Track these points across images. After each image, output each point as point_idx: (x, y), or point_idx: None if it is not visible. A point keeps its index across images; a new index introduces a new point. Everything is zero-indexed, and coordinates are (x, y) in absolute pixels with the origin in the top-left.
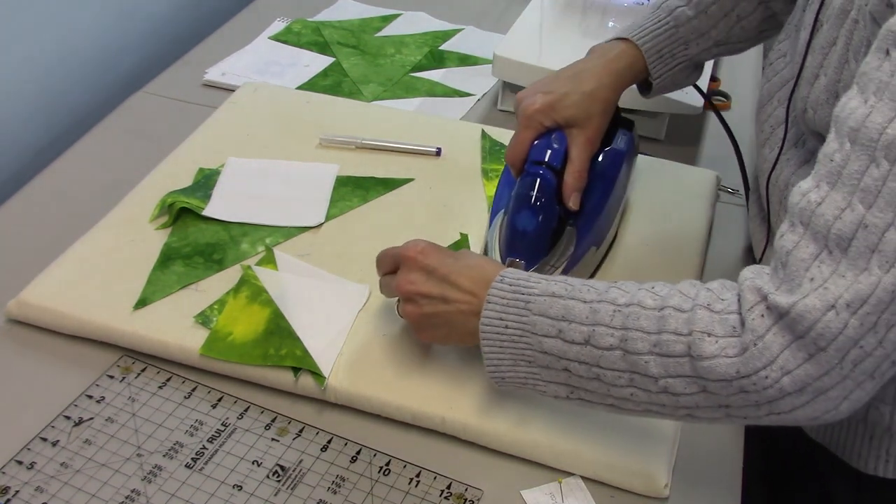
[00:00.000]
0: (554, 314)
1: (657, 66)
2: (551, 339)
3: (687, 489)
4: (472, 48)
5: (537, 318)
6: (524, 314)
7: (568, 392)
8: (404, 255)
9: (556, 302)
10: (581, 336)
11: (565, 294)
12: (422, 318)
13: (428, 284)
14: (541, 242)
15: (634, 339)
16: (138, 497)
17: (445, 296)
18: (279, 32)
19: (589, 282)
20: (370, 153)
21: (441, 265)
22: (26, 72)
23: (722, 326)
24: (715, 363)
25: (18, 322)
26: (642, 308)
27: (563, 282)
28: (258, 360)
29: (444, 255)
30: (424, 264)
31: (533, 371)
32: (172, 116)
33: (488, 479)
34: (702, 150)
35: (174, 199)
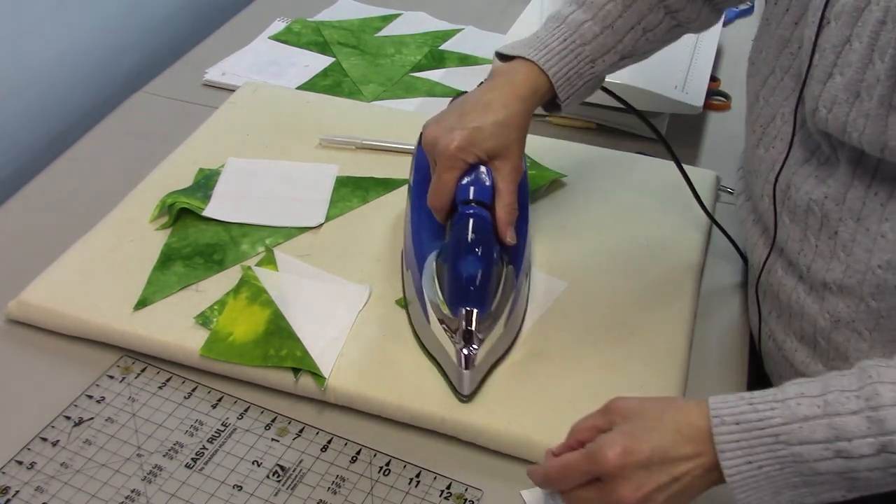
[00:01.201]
0: (822, 437)
1: (564, 89)
2: (827, 461)
3: None
4: (472, 48)
5: (800, 448)
6: (779, 448)
7: (846, 492)
8: (607, 467)
9: (816, 424)
10: (871, 448)
11: (822, 413)
12: (644, 498)
13: (653, 478)
14: (489, 286)
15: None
16: (138, 497)
17: (675, 475)
18: (279, 32)
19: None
20: (370, 153)
21: (652, 449)
22: (26, 72)
23: None
24: None
25: (18, 322)
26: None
27: (801, 397)
28: (258, 361)
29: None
30: (637, 462)
31: (801, 492)
32: (172, 116)
33: (488, 479)
34: (702, 150)
35: (174, 199)
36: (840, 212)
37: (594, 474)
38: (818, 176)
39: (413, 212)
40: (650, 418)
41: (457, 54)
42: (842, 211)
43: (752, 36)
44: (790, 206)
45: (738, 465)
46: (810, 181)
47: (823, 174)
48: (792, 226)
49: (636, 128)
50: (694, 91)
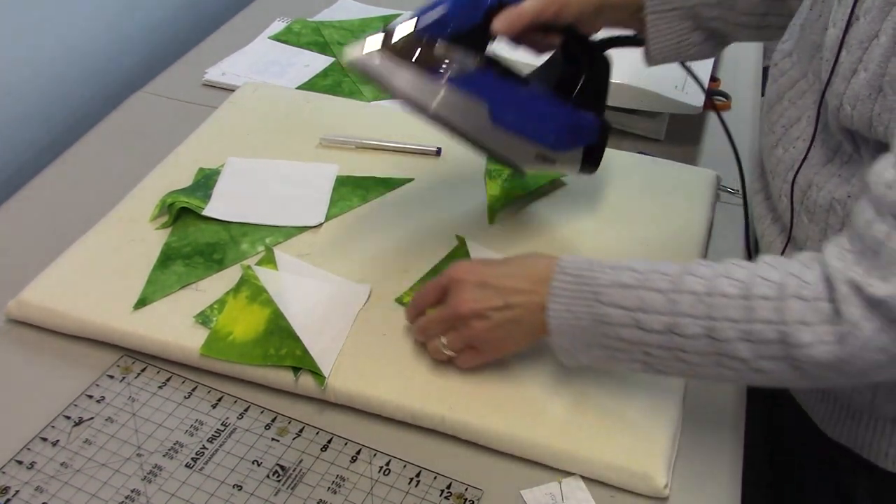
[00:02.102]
0: (628, 305)
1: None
2: (627, 328)
3: (687, 489)
4: None
5: (610, 310)
6: (595, 305)
7: (644, 367)
8: (452, 279)
9: (628, 293)
10: (661, 325)
11: (637, 284)
12: (490, 332)
13: (488, 296)
14: (447, 18)
15: (722, 329)
16: (138, 497)
17: (509, 302)
18: (279, 32)
19: (657, 267)
20: (370, 153)
21: (493, 275)
22: (26, 72)
23: (815, 314)
24: (813, 351)
25: (18, 322)
26: (725, 297)
27: (629, 269)
28: (258, 360)
29: (491, 265)
30: (477, 280)
31: (608, 353)
32: (172, 116)
33: (488, 479)
34: (702, 150)
35: (174, 199)
36: None
37: (451, 322)
38: (842, 175)
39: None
40: (505, 260)
41: None
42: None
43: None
44: (809, 205)
45: (560, 311)
46: (833, 181)
47: (847, 173)
48: (811, 225)
49: (636, 128)
50: (694, 91)
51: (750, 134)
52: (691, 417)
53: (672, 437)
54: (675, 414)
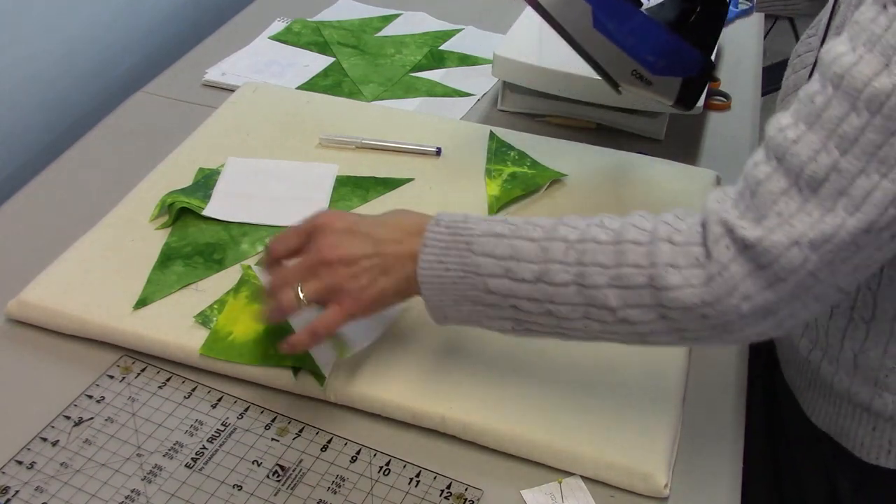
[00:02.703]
0: (500, 254)
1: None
2: (497, 278)
3: (687, 489)
4: (472, 48)
5: (481, 259)
6: (466, 255)
7: (513, 325)
8: (318, 224)
9: (501, 241)
10: (532, 274)
11: (510, 234)
12: (355, 280)
13: (355, 242)
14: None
15: (591, 274)
16: (138, 497)
17: (379, 250)
18: (279, 32)
19: (531, 220)
20: (370, 153)
21: (364, 224)
22: (26, 72)
23: (685, 258)
24: (680, 294)
25: (18, 322)
26: (597, 243)
27: (503, 222)
28: (258, 360)
29: (362, 216)
30: (346, 227)
31: (477, 309)
32: (172, 116)
33: (488, 479)
34: (702, 150)
35: (174, 198)
36: None
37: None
38: None
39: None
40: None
41: (457, 54)
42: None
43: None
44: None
45: (431, 262)
46: None
47: None
48: None
49: (636, 128)
50: None
51: (750, 134)
52: (691, 417)
53: (672, 437)
54: (675, 414)
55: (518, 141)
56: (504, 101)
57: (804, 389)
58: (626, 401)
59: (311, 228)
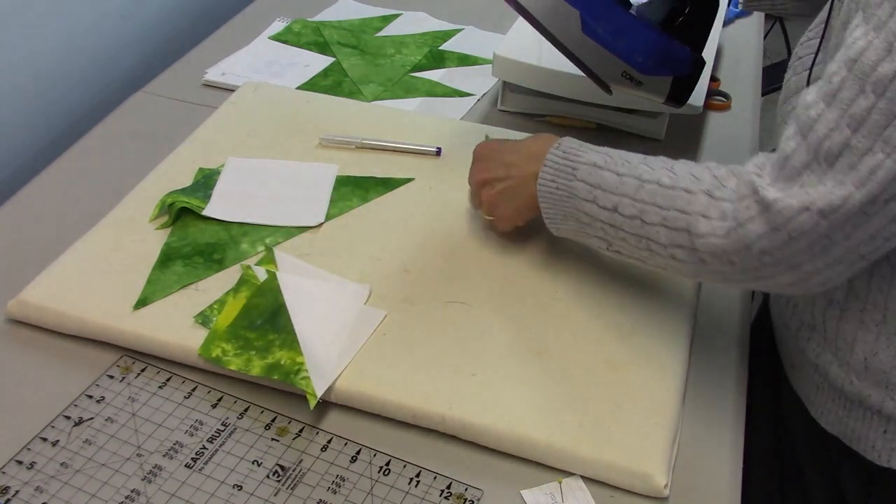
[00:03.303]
0: (592, 182)
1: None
2: (588, 202)
3: (687, 489)
4: (472, 48)
5: (579, 184)
6: (570, 178)
7: (606, 245)
8: (474, 155)
9: (594, 171)
10: (610, 203)
11: (603, 165)
12: (495, 198)
13: (491, 167)
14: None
15: (649, 212)
16: (138, 497)
17: (509, 173)
18: (279, 32)
19: (627, 155)
20: (370, 153)
21: (500, 150)
22: (26, 72)
23: (716, 210)
24: (707, 241)
25: (18, 322)
26: (659, 185)
27: (605, 153)
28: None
29: (503, 143)
30: (484, 154)
31: (579, 226)
32: (172, 116)
33: (488, 479)
34: (702, 151)
35: (174, 198)
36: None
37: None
38: None
39: None
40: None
41: (457, 54)
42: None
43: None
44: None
45: (546, 180)
46: None
47: None
48: None
49: (636, 128)
50: (694, 91)
51: (750, 134)
52: (691, 417)
53: (672, 437)
54: (675, 414)
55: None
56: (504, 101)
57: (812, 393)
58: (626, 401)
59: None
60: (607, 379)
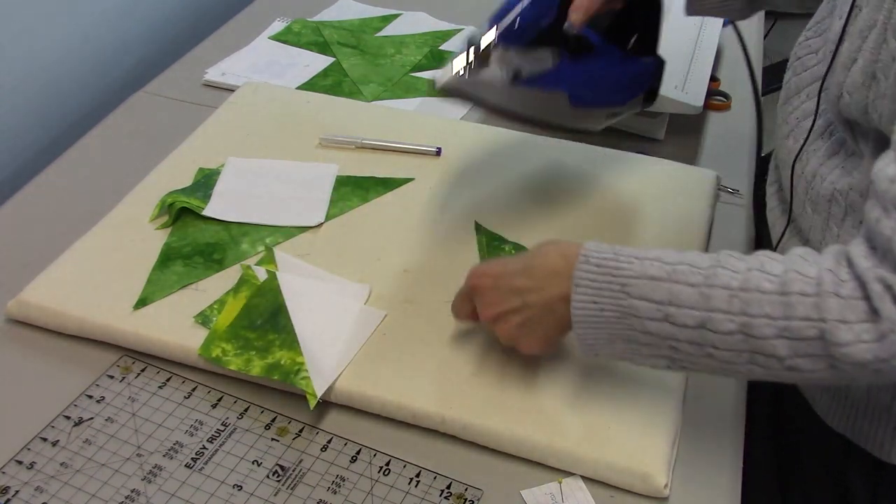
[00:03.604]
0: (658, 298)
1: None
2: (657, 322)
3: (687, 489)
4: None
5: (638, 303)
6: (622, 297)
7: (669, 363)
8: (471, 287)
9: (658, 285)
10: (693, 320)
11: (666, 277)
12: (515, 332)
13: (498, 299)
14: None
15: (759, 325)
16: (138, 497)
17: (526, 301)
18: (279, 32)
19: (685, 258)
20: (370, 153)
21: (507, 274)
22: (26, 72)
23: (853, 312)
24: (852, 349)
25: (18, 322)
26: (761, 293)
27: (657, 261)
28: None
29: (506, 264)
30: (491, 284)
31: (632, 347)
32: (172, 116)
33: (488, 479)
34: (702, 150)
35: (174, 198)
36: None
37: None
38: (844, 167)
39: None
40: (518, 256)
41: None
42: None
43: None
44: (813, 196)
45: (584, 302)
46: (836, 172)
47: (850, 166)
48: (814, 216)
49: (636, 128)
50: (694, 91)
51: (750, 134)
52: (691, 417)
53: (672, 437)
54: (675, 414)
55: (517, 149)
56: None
57: (817, 393)
58: (626, 401)
59: (469, 292)
60: (607, 379)
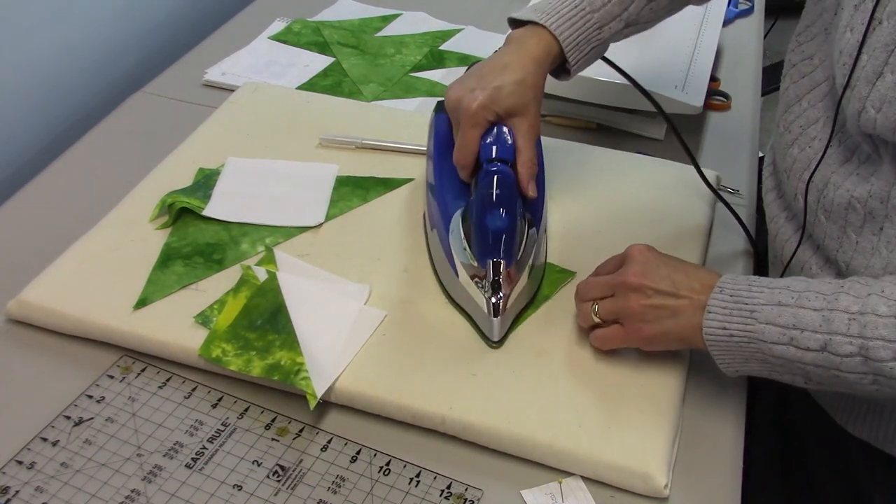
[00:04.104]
0: (784, 323)
1: (574, 54)
2: (782, 346)
3: (687, 489)
4: (472, 48)
5: (765, 328)
6: (749, 323)
7: (805, 381)
8: (635, 251)
9: (784, 311)
10: (816, 344)
11: (792, 303)
12: (646, 309)
13: (660, 277)
14: (514, 238)
15: (876, 348)
16: (138, 497)
17: (677, 291)
18: (279, 32)
19: (812, 285)
20: (370, 153)
21: (673, 264)
22: (26, 72)
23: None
24: None
25: (18, 322)
26: (878, 316)
27: (786, 289)
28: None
29: (666, 256)
30: (658, 260)
31: (766, 367)
32: (172, 116)
33: (488, 479)
34: (702, 150)
35: (174, 199)
36: (885, 209)
37: (614, 288)
38: (860, 174)
39: (435, 176)
40: (679, 260)
41: (457, 54)
42: (887, 208)
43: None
44: (826, 204)
45: (714, 329)
46: (852, 179)
47: (866, 172)
48: (829, 223)
49: (636, 128)
50: (694, 91)
51: (750, 134)
52: (691, 417)
53: (672, 437)
54: (675, 414)
55: None
56: None
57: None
58: (627, 401)
59: (627, 255)
60: (607, 379)
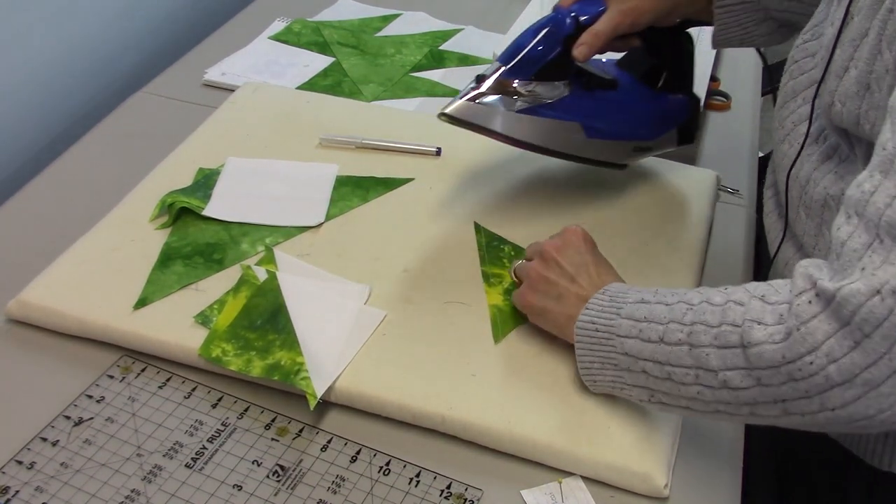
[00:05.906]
0: (638, 316)
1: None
2: (631, 339)
3: (687, 489)
4: (472, 48)
5: (623, 321)
6: (613, 318)
7: (649, 395)
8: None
9: (642, 307)
10: (656, 334)
11: (653, 300)
12: (540, 280)
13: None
14: (530, 57)
15: (698, 333)
16: (138, 497)
17: (574, 278)
18: (279, 32)
19: (679, 290)
20: (370, 153)
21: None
22: (26, 72)
23: (772, 315)
24: (762, 349)
25: (18, 322)
26: (710, 304)
27: (656, 291)
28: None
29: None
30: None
31: (618, 374)
32: (172, 116)
33: (488, 479)
34: (702, 150)
35: (174, 198)
36: None
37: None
38: (837, 172)
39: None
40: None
41: (457, 54)
42: None
43: None
44: (807, 201)
45: (585, 322)
46: (829, 177)
47: (843, 171)
48: (808, 220)
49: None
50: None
51: (750, 134)
52: (691, 417)
53: (672, 438)
54: (676, 414)
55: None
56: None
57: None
58: (626, 401)
59: (564, 231)
60: None
